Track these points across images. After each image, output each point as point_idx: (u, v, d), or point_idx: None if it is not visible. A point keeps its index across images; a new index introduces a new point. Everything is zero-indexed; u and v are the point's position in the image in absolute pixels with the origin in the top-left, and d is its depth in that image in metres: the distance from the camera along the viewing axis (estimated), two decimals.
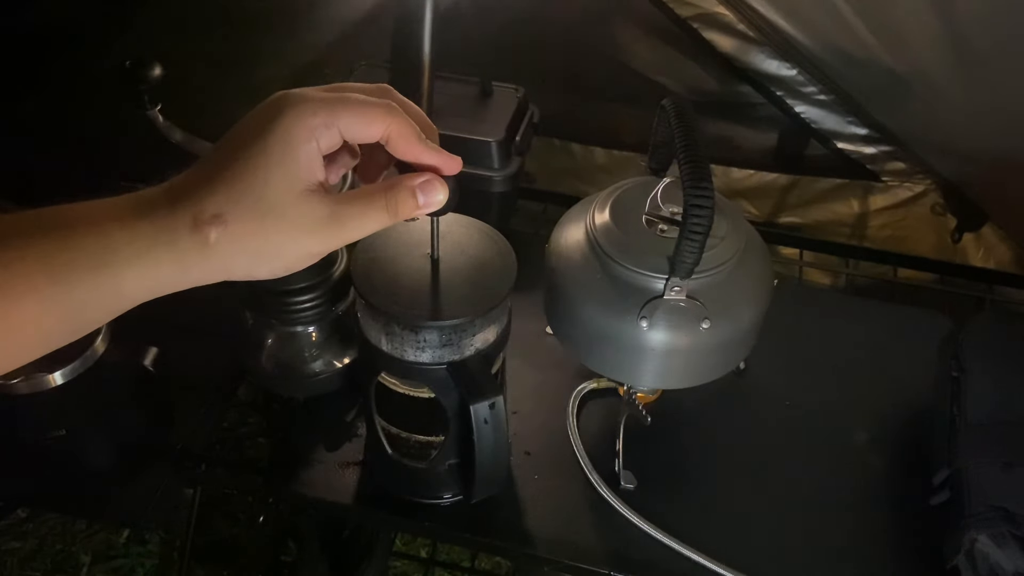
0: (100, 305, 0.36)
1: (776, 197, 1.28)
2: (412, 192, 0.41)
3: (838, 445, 0.75)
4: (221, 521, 1.28)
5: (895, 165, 1.19)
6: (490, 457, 0.57)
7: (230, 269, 0.38)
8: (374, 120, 0.39)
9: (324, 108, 0.37)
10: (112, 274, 0.35)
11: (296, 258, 0.39)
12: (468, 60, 0.92)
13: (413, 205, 0.41)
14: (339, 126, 0.38)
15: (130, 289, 0.36)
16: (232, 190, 0.36)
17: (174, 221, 0.36)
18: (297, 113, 0.37)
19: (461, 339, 0.57)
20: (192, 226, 0.36)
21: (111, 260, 0.35)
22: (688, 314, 0.59)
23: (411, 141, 0.40)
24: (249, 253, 0.37)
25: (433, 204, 0.42)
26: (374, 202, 0.39)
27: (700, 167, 0.55)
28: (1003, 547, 0.60)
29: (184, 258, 0.36)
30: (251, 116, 0.38)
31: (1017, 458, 0.64)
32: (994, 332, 0.75)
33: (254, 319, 0.74)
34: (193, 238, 0.36)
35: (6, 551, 1.30)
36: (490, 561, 1.27)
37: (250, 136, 0.37)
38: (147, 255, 0.36)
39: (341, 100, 0.38)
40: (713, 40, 1.13)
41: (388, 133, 0.39)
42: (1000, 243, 1.13)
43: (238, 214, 0.36)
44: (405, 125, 0.40)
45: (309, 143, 0.37)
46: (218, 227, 0.36)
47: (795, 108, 1.16)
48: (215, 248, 0.36)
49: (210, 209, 0.36)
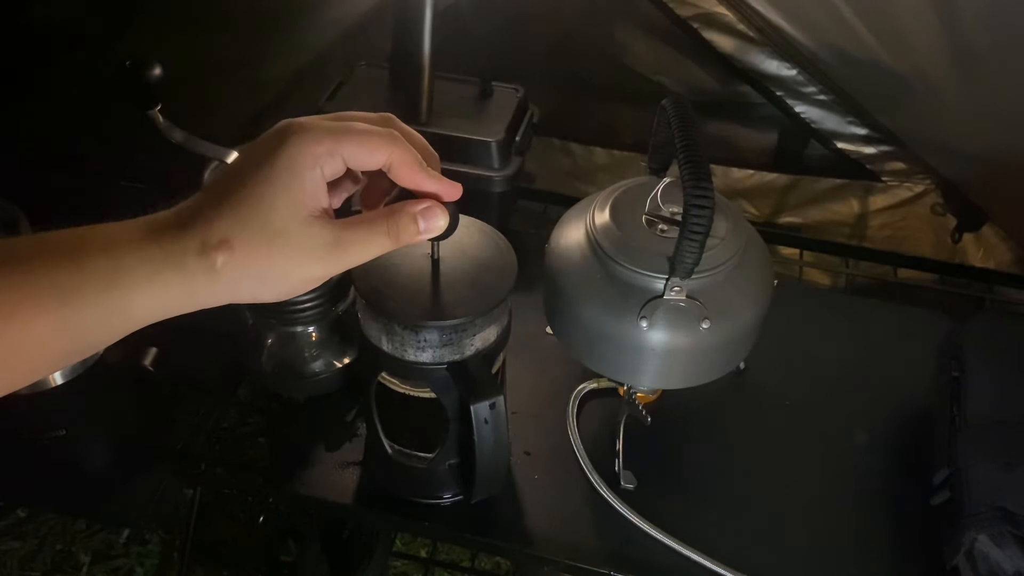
0: (108, 327, 0.37)
1: (776, 197, 1.28)
2: (413, 218, 0.42)
3: (838, 445, 0.75)
4: (221, 521, 1.28)
5: (895, 165, 1.19)
6: (490, 457, 0.57)
7: (236, 292, 0.38)
8: (377, 148, 0.40)
9: (328, 136, 0.38)
10: (121, 296, 0.36)
11: (300, 282, 0.40)
12: (468, 60, 0.92)
13: (415, 231, 0.42)
14: (343, 154, 0.39)
15: (138, 311, 0.37)
16: (239, 215, 0.37)
17: (183, 245, 0.37)
18: (302, 141, 0.38)
19: (461, 339, 0.57)
20: (200, 251, 0.36)
21: (121, 283, 0.36)
22: (688, 314, 0.59)
23: (412, 169, 0.41)
24: (254, 277, 0.38)
25: (434, 230, 0.43)
26: (376, 228, 0.41)
27: (700, 167, 0.55)
28: (1003, 547, 0.60)
29: (192, 282, 0.37)
30: (258, 143, 0.39)
31: (1017, 458, 0.63)
32: (994, 332, 0.75)
33: (254, 319, 0.74)
34: (201, 262, 0.37)
35: (6, 551, 1.30)
36: (490, 561, 1.27)
37: (256, 163, 0.38)
38: (156, 278, 0.36)
39: (345, 129, 0.39)
40: (713, 40, 1.13)
41: (390, 161, 0.40)
42: (1000, 243, 1.13)
43: (245, 239, 0.37)
44: (407, 154, 0.41)
45: (313, 170, 0.38)
46: (225, 252, 0.37)
47: (795, 108, 1.16)
48: (222, 272, 0.37)
49: (217, 234, 0.37)
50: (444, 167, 0.47)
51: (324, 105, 0.88)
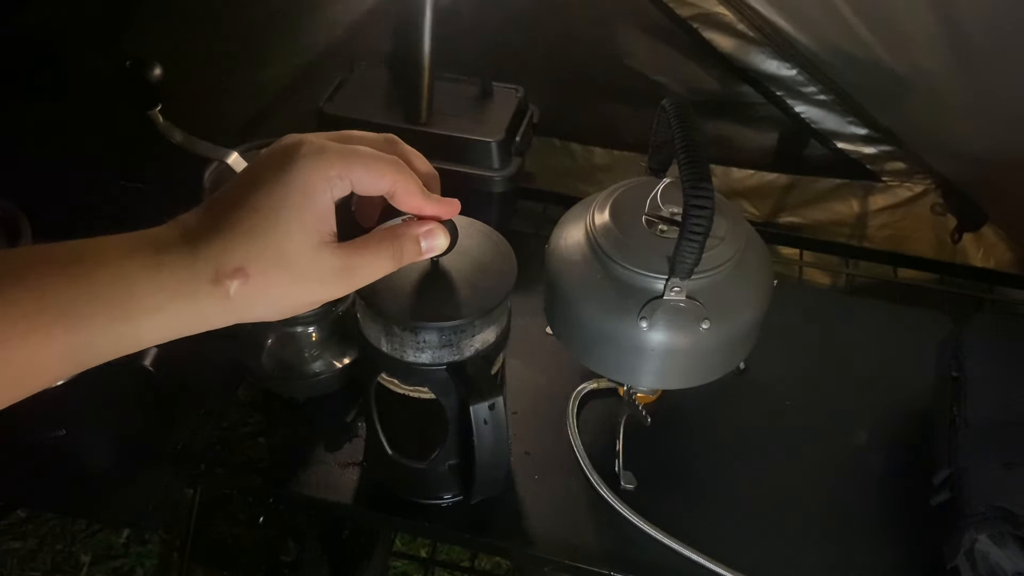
0: (113, 351, 0.37)
1: (776, 197, 1.28)
2: (416, 240, 0.44)
3: (838, 445, 0.75)
4: (221, 521, 1.28)
5: (895, 165, 1.19)
6: (490, 457, 0.57)
7: (245, 316, 0.38)
8: (383, 175, 0.40)
9: (339, 160, 0.39)
10: (131, 324, 0.36)
11: (307, 305, 0.40)
12: (468, 60, 0.92)
13: (417, 251, 0.44)
14: (352, 178, 0.39)
15: (146, 336, 0.37)
16: (254, 243, 0.37)
17: (195, 273, 0.36)
18: (314, 164, 0.38)
19: (461, 340, 0.57)
20: (213, 279, 0.36)
21: (132, 313, 0.36)
22: (688, 314, 0.59)
23: (414, 196, 0.42)
24: (265, 303, 0.38)
25: (436, 249, 0.45)
26: (382, 252, 0.42)
27: (700, 167, 0.55)
28: (1003, 547, 0.60)
29: (202, 308, 0.37)
30: (266, 160, 0.39)
31: (1017, 458, 0.63)
32: (994, 332, 0.75)
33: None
34: (213, 290, 0.36)
35: (6, 551, 1.30)
36: (490, 561, 1.27)
37: (268, 184, 0.38)
38: (168, 306, 0.36)
39: (354, 153, 0.40)
40: (713, 40, 1.13)
41: (394, 189, 0.41)
42: (1000, 243, 1.13)
43: (259, 267, 0.37)
44: (410, 182, 0.42)
45: (325, 194, 0.38)
46: (239, 279, 0.37)
47: (795, 108, 1.16)
48: (233, 299, 0.37)
49: (233, 263, 0.37)
50: (444, 167, 0.47)
51: (324, 105, 0.88)
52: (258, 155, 0.40)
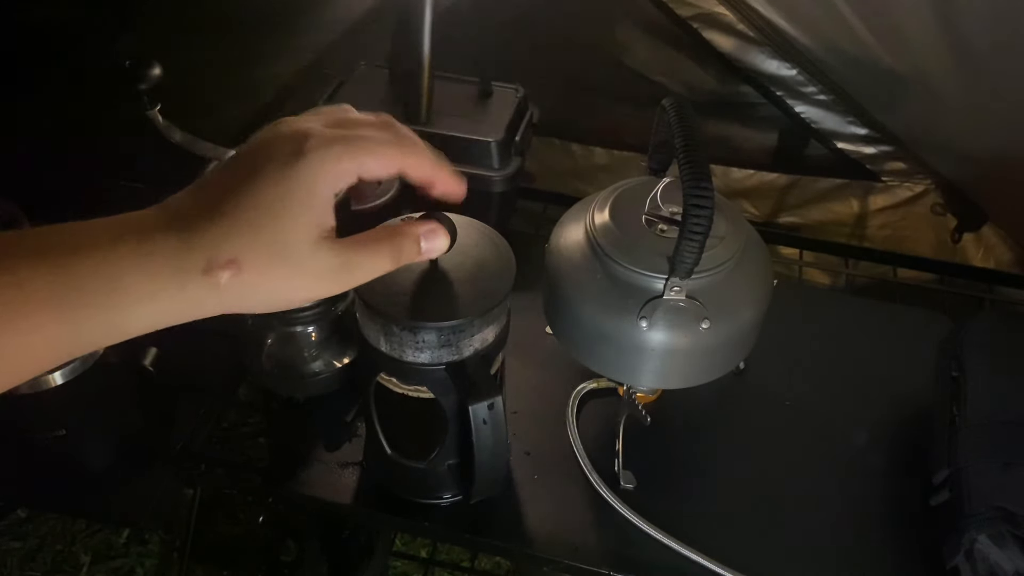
0: (101, 340, 0.36)
1: (776, 197, 1.29)
2: (416, 240, 0.43)
3: (838, 445, 0.75)
4: (221, 521, 1.29)
5: (895, 165, 1.19)
6: (489, 457, 0.57)
7: (235, 307, 0.38)
8: (391, 162, 0.40)
9: (348, 153, 0.38)
10: (119, 312, 0.35)
11: (302, 300, 0.39)
12: (468, 60, 0.92)
13: (417, 251, 0.43)
14: (360, 171, 0.38)
15: (135, 325, 0.36)
16: (251, 236, 0.36)
17: (186, 263, 0.35)
18: (323, 158, 0.37)
19: (460, 340, 0.57)
20: (204, 269, 0.35)
21: (121, 302, 0.35)
22: (688, 314, 0.59)
23: (424, 166, 0.42)
24: (257, 296, 0.38)
25: (436, 251, 0.44)
26: (381, 250, 0.41)
27: (700, 167, 0.55)
28: (1003, 547, 0.60)
29: (191, 298, 0.36)
30: (267, 148, 0.38)
31: (1017, 458, 0.63)
32: (994, 332, 0.75)
33: (254, 319, 0.74)
34: (204, 280, 0.36)
35: (6, 551, 1.30)
36: (490, 561, 1.27)
37: (271, 176, 0.37)
38: (159, 295, 0.35)
39: (361, 142, 0.39)
40: (713, 40, 1.13)
41: (403, 168, 0.41)
42: (1000, 243, 1.13)
43: (253, 260, 0.36)
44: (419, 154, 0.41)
45: (331, 190, 0.38)
46: (231, 270, 0.36)
47: (795, 108, 1.16)
48: (224, 290, 0.36)
49: (226, 254, 0.36)
50: None
51: (324, 105, 0.88)
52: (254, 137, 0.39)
